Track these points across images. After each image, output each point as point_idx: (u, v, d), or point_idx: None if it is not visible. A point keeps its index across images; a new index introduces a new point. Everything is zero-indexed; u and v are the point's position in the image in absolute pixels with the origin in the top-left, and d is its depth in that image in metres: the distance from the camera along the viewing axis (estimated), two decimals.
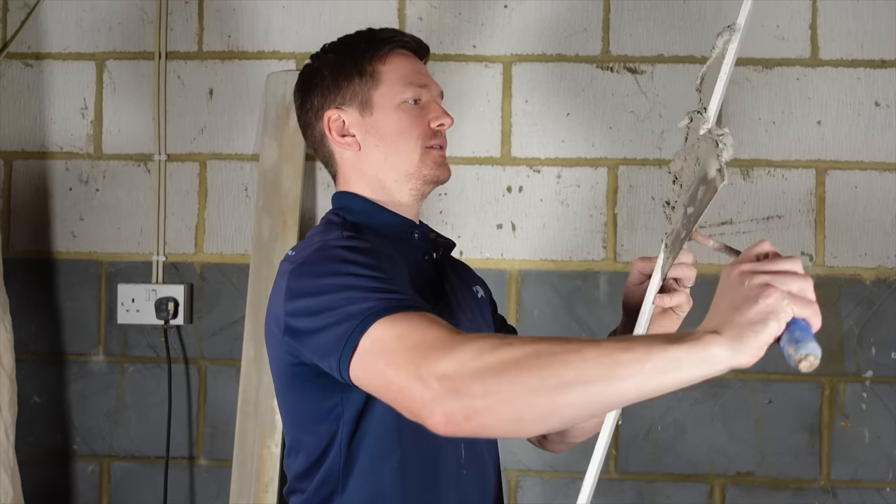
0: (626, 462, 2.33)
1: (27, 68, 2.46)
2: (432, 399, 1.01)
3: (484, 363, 1.00)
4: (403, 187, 1.42)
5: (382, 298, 1.14)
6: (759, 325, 0.95)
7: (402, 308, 1.12)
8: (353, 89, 1.41)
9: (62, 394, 2.44)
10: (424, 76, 1.44)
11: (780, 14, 2.33)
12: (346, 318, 1.14)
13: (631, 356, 0.96)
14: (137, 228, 2.44)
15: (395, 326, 1.10)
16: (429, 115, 1.43)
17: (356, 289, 1.16)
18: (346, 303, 1.15)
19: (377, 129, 1.40)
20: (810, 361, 0.95)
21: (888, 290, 2.31)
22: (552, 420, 1.00)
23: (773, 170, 2.33)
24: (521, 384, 0.98)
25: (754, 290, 0.96)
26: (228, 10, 2.42)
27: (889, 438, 2.30)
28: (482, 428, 1.01)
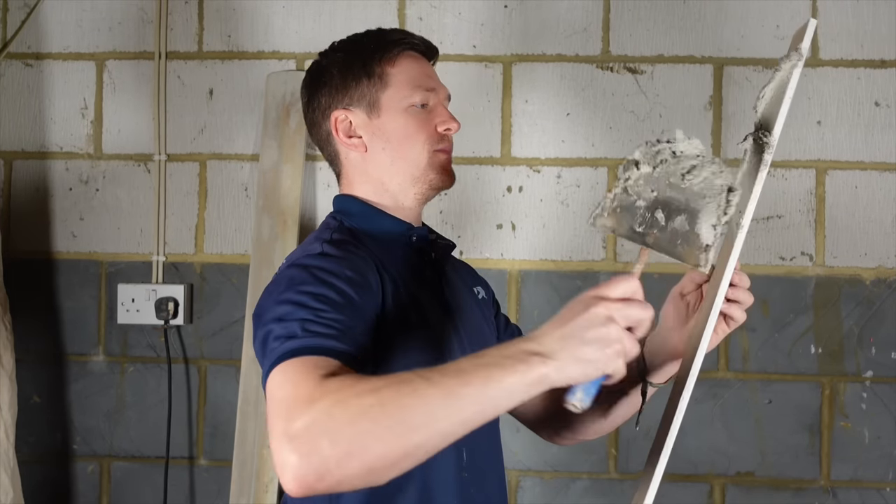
0: (626, 462, 2.33)
1: (27, 68, 2.46)
2: (286, 462, 0.99)
3: (333, 420, 0.99)
4: (408, 191, 1.42)
5: (304, 336, 1.12)
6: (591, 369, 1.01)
7: (303, 352, 1.10)
8: (361, 90, 1.40)
9: (62, 394, 2.44)
10: (433, 79, 1.44)
11: (780, 14, 2.33)
12: (272, 351, 1.13)
13: (469, 391, 0.99)
14: (137, 228, 2.44)
15: (280, 374, 1.09)
16: (436, 118, 1.42)
17: (292, 321, 1.15)
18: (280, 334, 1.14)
19: (384, 132, 1.40)
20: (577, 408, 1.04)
21: (888, 290, 2.31)
22: (405, 463, 1.01)
23: (773, 170, 2.33)
24: (369, 436, 0.98)
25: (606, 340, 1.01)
26: (228, 10, 2.42)
27: (889, 438, 2.30)
28: (336, 484, 0.99)
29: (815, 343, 2.32)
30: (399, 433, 0.98)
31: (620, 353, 1.01)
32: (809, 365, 2.32)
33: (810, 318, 2.31)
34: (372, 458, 0.98)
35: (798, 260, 2.32)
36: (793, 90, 1.20)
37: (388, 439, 0.98)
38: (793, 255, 2.32)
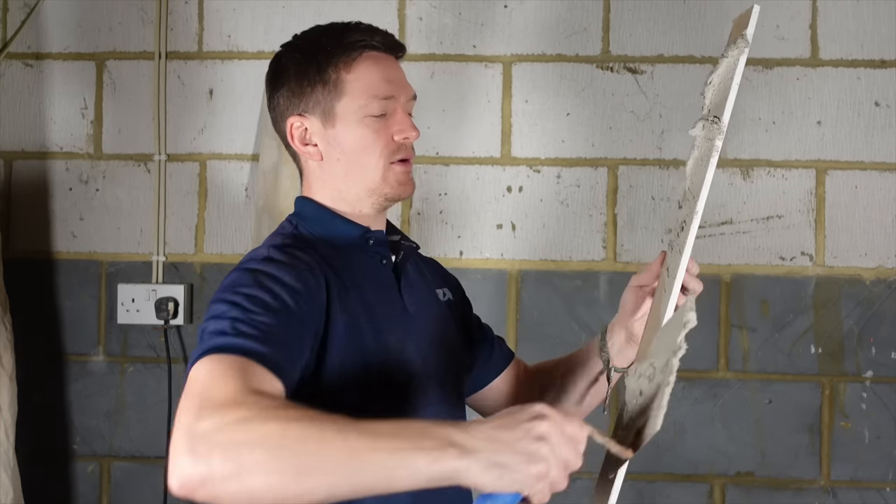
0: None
1: (27, 68, 2.46)
2: (178, 457, 0.98)
3: (233, 435, 0.98)
4: (365, 201, 1.38)
5: (223, 334, 1.12)
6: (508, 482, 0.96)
7: (227, 350, 1.09)
8: (316, 97, 1.35)
9: (62, 394, 2.44)
10: (392, 84, 1.37)
11: (780, 14, 2.33)
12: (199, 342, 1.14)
13: (371, 458, 0.96)
14: (137, 228, 2.43)
15: (202, 368, 1.08)
16: (393, 127, 1.36)
17: (223, 319, 1.14)
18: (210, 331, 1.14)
19: (339, 143, 1.35)
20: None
21: (888, 290, 2.31)
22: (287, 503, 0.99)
23: (773, 170, 2.33)
24: (260, 465, 0.96)
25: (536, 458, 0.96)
26: (228, 10, 2.42)
27: (889, 438, 2.30)
28: (214, 497, 0.98)
29: (815, 343, 2.32)
30: (289, 473, 0.96)
31: (544, 477, 0.96)
32: (809, 365, 2.32)
33: (810, 318, 2.31)
34: (256, 486, 0.96)
35: (798, 260, 2.32)
36: (740, 76, 1.23)
37: (275, 475, 0.96)
38: (793, 255, 2.32)
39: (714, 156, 1.23)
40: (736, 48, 1.24)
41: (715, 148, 1.22)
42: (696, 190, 1.24)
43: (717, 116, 1.23)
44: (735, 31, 1.30)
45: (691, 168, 1.29)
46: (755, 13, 1.23)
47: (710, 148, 1.23)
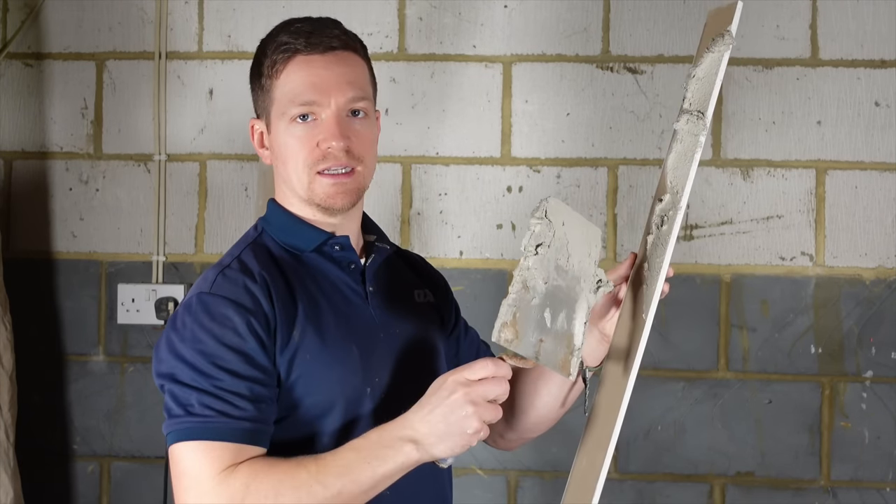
0: (626, 462, 2.33)
1: (27, 68, 2.46)
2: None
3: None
4: (309, 206, 1.35)
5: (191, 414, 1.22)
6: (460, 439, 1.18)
7: (204, 436, 1.21)
8: (260, 102, 1.37)
9: (62, 394, 2.44)
10: (316, 89, 1.30)
11: (780, 14, 2.33)
12: (167, 411, 1.25)
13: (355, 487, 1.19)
14: (137, 228, 2.43)
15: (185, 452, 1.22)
16: (319, 135, 1.30)
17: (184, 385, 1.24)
18: (171, 396, 1.25)
19: (274, 149, 1.35)
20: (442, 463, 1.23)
21: (888, 290, 2.31)
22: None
23: (773, 170, 2.33)
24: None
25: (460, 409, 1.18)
26: (228, 10, 2.42)
27: (889, 438, 2.30)
28: None
29: (815, 343, 2.32)
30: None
31: (479, 429, 1.18)
32: (809, 365, 2.32)
33: (810, 318, 2.31)
34: None
35: (798, 260, 2.32)
36: (723, 72, 1.24)
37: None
38: (793, 255, 2.32)
39: (698, 151, 1.25)
40: (722, 44, 1.24)
41: (699, 143, 1.24)
42: (680, 185, 1.24)
43: (702, 112, 1.24)
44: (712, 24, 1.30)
45: (673, 162, 1.29)
46: (738, 9, 1.24)
47: (695, 143, 1.24)
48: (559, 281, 1.20)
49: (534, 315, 1.19)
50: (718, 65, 1.24)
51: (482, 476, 2.34)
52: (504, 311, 1.20)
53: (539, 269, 1.18)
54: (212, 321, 1.25)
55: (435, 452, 1.18)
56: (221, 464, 1.20)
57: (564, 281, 1.21)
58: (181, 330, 1.26)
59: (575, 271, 1.22)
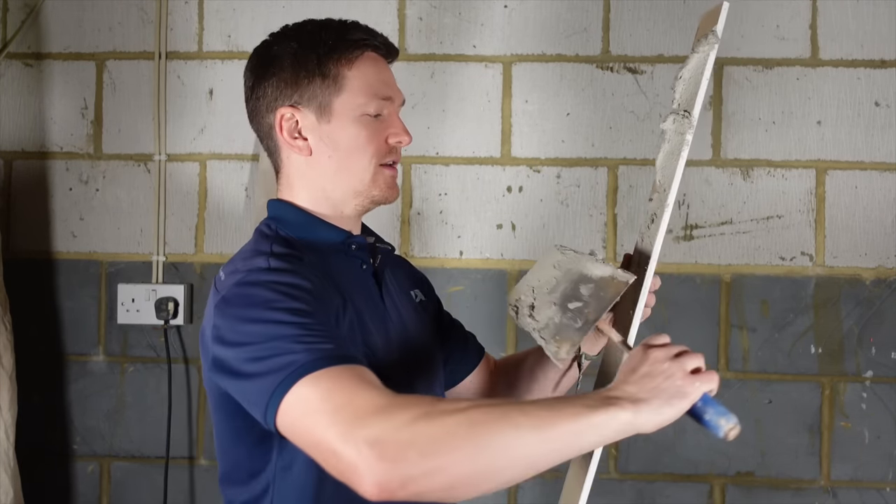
0: (626, 462, 2.33)
1: (27, 68, 2.46)
2: (365, 466, 0.99)
3: (421, 431, 1.00)
4: (349, 202, 1.35)
5: (308, 350, 1.10)
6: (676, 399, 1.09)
7: (329, 361, 1.09)
8: (314, 90, 1.31)
9: (62, 394, 2.44)
10: (390, 87, 1.35)
11: (780, 14, 2.33)
12: (270, 371, 1.10)
13: (560, 424, 1.03)
14: (137, 228, 2.44)
15: (321, 384, 1.07)
16: (388, 129, 1.34)
17: (280, 338, 1.12)
18: (270, 354, 1.11)
19: (332, 139, 1.31)
20: (738, 430, 1.11)
21: (888, 290, 2.31)
22: (486, 486, 1.03)
23: (773, 170, 2.33)
24: (458, 452, 0.99)
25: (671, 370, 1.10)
26: (228, 10, 2.42)
27: (889, 438, 2.30)
28: (416, 496, 1.00)
29: (815, 343, 2.32)
30: (488, 455, 1.00)
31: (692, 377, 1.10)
32: (809, 365, 2.32)
33: (810, 318, 2.31)
34: (456, 474, 1.00)
35: (798, 260, 2.32)
36: (709, 72, 1.26)
37: (475, 459, 1.00)
38: (793, 255, 2.32)
39: (685, 149, 1.26)
40: (707, 44, 1.26)
41: (685, 142, 1.26)
42: (668, 183, 1.27)
43: (688, 111, 1.26)
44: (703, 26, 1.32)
45: (661, 161, 1.32)
46: (724, 9, 1.26)
47: (681, 142, 1.26)
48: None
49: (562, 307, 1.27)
50: (704, 64, 1.26)
51: None
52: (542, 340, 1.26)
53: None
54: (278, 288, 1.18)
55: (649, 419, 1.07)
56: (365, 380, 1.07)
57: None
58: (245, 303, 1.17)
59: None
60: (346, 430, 1.01)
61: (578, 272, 1.29)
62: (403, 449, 0.99)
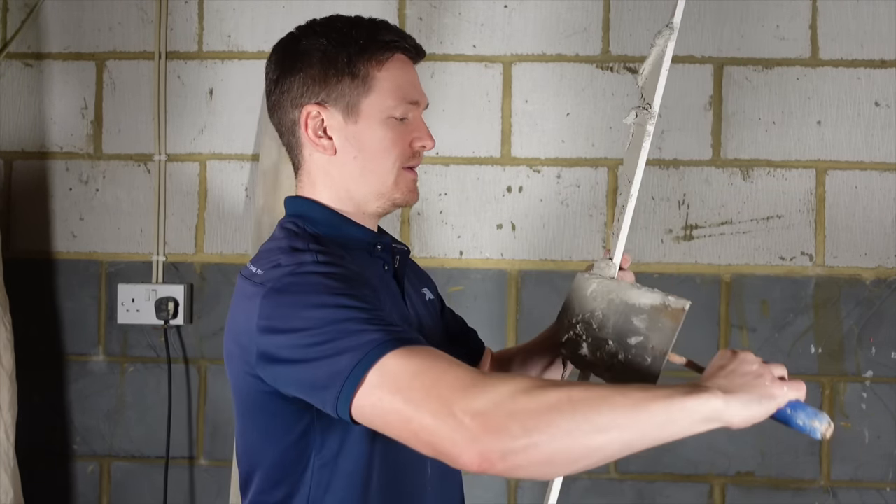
0: (626, 462, 2.33)
1: (27, 68, 2.46)
2: (468, 437, 1.01)
3: (522, 405, 1.01)
4: (371, 203, 1.34)
5: (382, 330, 1.09)
6: (767, 399, 1.11)
7: (406, 342, 1.09)
8: (342, 89, 1.29)
9: (62, 394, 2.44)
10: (417, 90, 1.34)
11: (780, 14, 2.33)
12: (343, 351, 1.09)
13: (655, 407, 1.04)
14: (137, 228, 2.44)
15: (409, 362, 1.07)
16: (413, 133, 1.33)
17: (351, 321, 1.11)
18: (341, 335, 1.10)
19: (358, 140, 1.30)
20: (832, 429, 1.13)
21: (888, 290, 2.31)
22: (581, 463, 1.04)
23: (773, 170, 2.33)
24: (558, 428, 1.00)
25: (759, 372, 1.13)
26: (228, 10, 2.42)
27: (889, 438, 2.30)
28: (514, 469, 1.01)
29: (815, 343, 2.32)
30: (586, 431, 1.01)
31: (780, 382, 1.12)
32: (809, 365, 2.32)
33: (810, 318, 2.31)
34: (556, 449, 1.01)
35: (798, 260, 2.32)
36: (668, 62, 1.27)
37: (575, 436, 1.01)
38: (793, 255, 2.32)
39: (646, 140, 1.28)
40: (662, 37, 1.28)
41: (647, 133, 1.28)
42: (631, 174, 1.28)
43: (649, 103, 1.27)
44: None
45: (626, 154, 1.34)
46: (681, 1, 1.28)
47: (642, 133, 1.27)
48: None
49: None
50: (662, 56, 1.27)
51: (482, 476, 2.34)
52: None
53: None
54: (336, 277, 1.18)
55: (739, 412, 1.09)
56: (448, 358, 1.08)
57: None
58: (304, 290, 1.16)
59: None
60: (444, 404, 1.02)
61: (623, 302, 1.28)
62: (506, 421, 1.00)
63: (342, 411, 1.10)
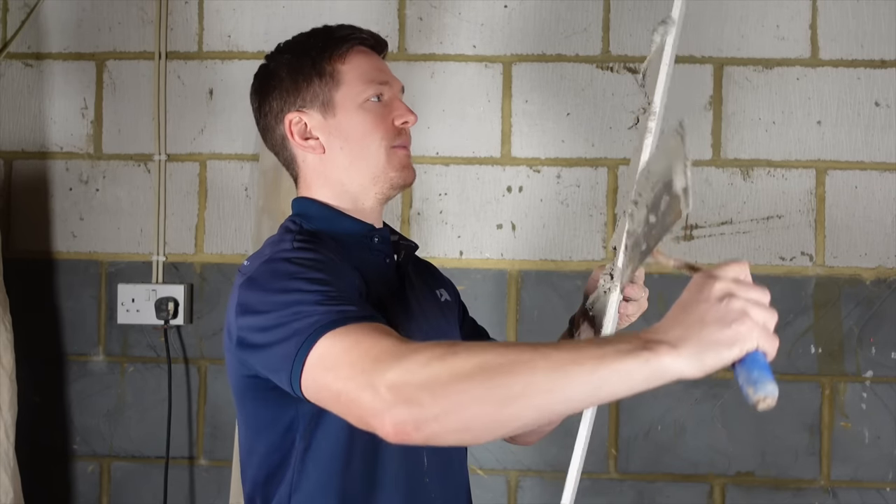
0: (626, 462, 2.33)
1: (27, 68, 2.46)
2: (382, 408, 1.01)
3: (432, 373, 1.00)
4: (369, 191, 1.38)
5: (328, 312, 1.13)
6: (724, 347, 0.93)
7: (349, 320, 1.11)
8: (314, 91, 1.37)
9: (62, 394, 2.44)
10: (385, 73, 1.41)
11: (780, 14, 2.33)
12: (293, 334, 1.13)
13: (581, 370, 0.95)
14: (137, 228, 2.44)
15: (341, 339, 1.09)
16: (392, 112, 1.38)
17: (303, 303, 1.15)
18: (293, 319, 1.14)
19: (341, 131, 1.37)
20: (768, 403, 0.94)
21: (888, 290, 2.31)
22: (500, 430, 1.02)
23: (773, 170, 2.33)
24: (469, 395, 0.98)
25: (731, 313, 0.93)
26: (228, 10, 2.42)
27: (889, 438, 2.30)
28: (432, 437, 1.01)
29: (815, 343, 2.32)
30: (499, 398, 0.97)
31: (753, 325, 0.92)
32: (809, 365, 2.32)
33: (810, 318, 2.31)
34: (469, 417, 0.99)
35: (798, 260, 2.32)
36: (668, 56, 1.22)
37: (487, 402, 0.98)
38: (793, 255, 2.32)
39: (647, 137, 1.24)
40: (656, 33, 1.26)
41: (648, 129, 1.24)
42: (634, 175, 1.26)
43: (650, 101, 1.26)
44: None
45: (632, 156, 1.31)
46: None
47: (644, 130, 1.25)
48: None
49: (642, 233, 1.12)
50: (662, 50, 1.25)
51: (482, 476, 2.34)
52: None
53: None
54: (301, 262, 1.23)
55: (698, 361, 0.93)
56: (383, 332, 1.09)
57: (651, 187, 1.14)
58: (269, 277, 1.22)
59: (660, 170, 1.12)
60: (366, 377, 1.03)
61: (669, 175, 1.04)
62: (417, 391, 1.00)
63: (296, 390, 1.14)
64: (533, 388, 0.96)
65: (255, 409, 1.31)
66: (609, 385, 0.95)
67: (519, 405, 0.97)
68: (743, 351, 0.93)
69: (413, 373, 1.01)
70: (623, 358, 0.94)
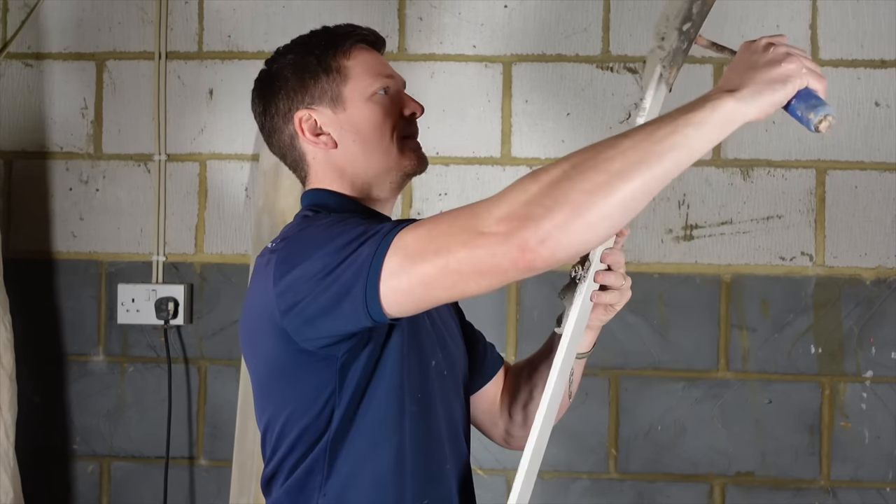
0: (626, 462, 2.33)
1: (27, 68, 2.46)
2: (501, 240, 1.03)
3: (533, 191, 1.04)
4: (383, 181, 1.39)
5: (384, 227, 1.15)
6: (778, 83, 1.08)
7: (410, 222, 1.15)
8: (321, 87, 1.38)
9: (62, 394, 2.44)
10: (388, 68, 1.43)
11: (780, 14, 2.33)
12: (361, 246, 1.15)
13: (663, 132, 1.04)
14: (137, 228, 2.44)
15: (416, 231, 1.12)
16: (400, 104, 1.40)
17: (357, 234, 1.17)
18: (354, 241, 1.16)
19: (352, 124, 1.37)
20: (829, 122, 1.10)
21: (888, 290, 2.31)
22: (617, 214, 1.04)
23: (773, 170, 2.33)
24: (577, 191, 1.02)
25: (778, 55, 1.09)
26: (228, 10, 2.42)
27: (889, 438, 2.30)
28: (559, 248, 1.03)
29: (815, 343, 2.32)
30: (603, 182, 1.02)
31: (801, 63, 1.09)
32: (809, 365, 2.32)
33: (810, 318, 2.31)
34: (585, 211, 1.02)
35: (798, 260, 2.32)
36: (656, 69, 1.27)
37: (595, 190, 1.02)
38: (793, 255, 2.32)
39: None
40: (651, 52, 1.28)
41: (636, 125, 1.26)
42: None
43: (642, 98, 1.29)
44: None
45: None
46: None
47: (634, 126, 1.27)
48: None
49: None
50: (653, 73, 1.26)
51: (482, 476, 2.34)
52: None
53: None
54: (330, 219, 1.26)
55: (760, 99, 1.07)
56: None
57: None
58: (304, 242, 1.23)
59: None
60: (469, 232, 1.06)
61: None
62: (526, 210, 1.02)
63: (372, 304, 1.14)
64: (629, 161, 1.03)
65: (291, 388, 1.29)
66: (692, 139, 1.04)
67: (624, 183, 1.03)
68: (795, 87, 1.09)
69: (514, 200, 1.04)
70: (695, 111, 1.05)
